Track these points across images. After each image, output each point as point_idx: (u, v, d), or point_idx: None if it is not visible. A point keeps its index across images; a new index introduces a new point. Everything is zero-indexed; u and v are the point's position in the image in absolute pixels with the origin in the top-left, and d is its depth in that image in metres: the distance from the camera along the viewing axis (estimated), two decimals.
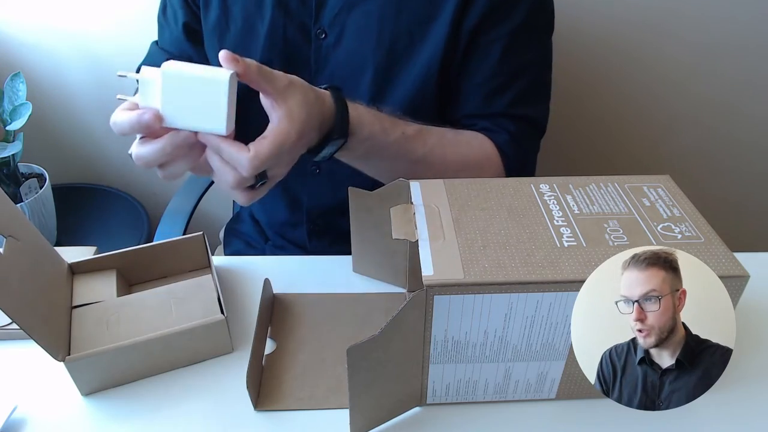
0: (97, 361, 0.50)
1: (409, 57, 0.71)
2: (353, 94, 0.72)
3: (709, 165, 1.34)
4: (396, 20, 0.70)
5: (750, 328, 0.58)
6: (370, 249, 0.62)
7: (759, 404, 0.52)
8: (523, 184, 0.53)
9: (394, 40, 0.70)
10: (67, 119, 1.37)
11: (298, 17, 0.71)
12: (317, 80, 0.73)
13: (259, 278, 0.59)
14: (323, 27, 0.71)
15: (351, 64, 0.72)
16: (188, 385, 0.53)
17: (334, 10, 0.70)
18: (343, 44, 0.71)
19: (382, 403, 0.48)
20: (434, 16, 0.69)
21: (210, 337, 0.54)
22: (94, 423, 0.50)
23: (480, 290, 0.43)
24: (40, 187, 1.18)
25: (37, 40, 1.26)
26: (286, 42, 0.72)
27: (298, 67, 0.73)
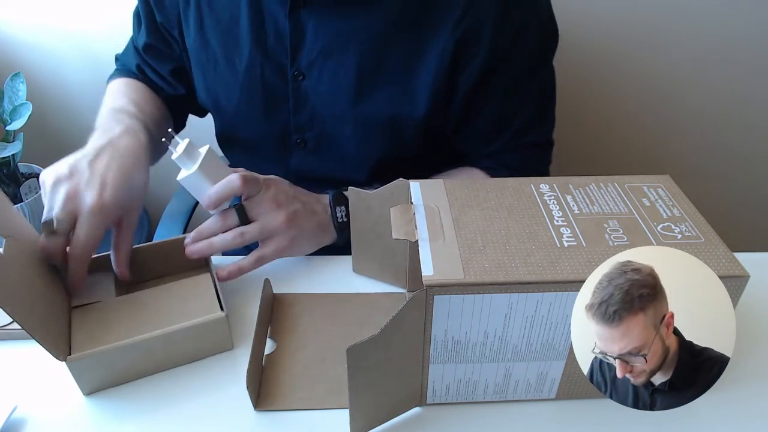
0: (99, 360, 0.50)
1: (393, 109, 0.70)
2: (337, 135, 0.73)
3: (709, 165, 1.34)
4: (375, 73, 0.68)
5: (750, 328, 0.58)
6: (370, 249, 0.62)
7: (759, 404, 0.52)
8: (523, 184, 0.53)
9: (373, 93, 0.69)
10: (67, 119, 1.37)
11: (275, 57, 0.70)
12: (297, 119, 0.73)
13: (259, 278, 0.59)
14: (300, 69, 0.70)
15: (331, 106, 0.71)
16: (188, 385, 0.53)
17: (311, 55, 0.69)
18: (322, 88, 0.70)
19: (382, 403, 0.48)
20: (418, 72, 0.67)
21: (211, 334, 0.54)
22: (94, 423, 0.50)
23: (480, 290, 0.43)
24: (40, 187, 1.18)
25: (37, 40, 1.26)
26: (264, 80, 0.72)
27: (277, 105, 0.73)
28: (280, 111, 0.73)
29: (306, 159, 0.77)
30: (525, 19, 0.67)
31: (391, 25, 0.66)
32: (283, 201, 0.62)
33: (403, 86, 0.68)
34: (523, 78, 0.70)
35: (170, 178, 0.63)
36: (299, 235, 0.63)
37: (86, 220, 0.53)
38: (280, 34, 0.69)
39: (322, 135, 0.74)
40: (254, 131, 0.77)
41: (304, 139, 0.75)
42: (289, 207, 0.62)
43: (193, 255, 0.60)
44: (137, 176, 0.59)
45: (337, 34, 0.67)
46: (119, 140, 0.60)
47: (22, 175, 1.20)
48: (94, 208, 0.54)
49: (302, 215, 0.63)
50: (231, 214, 0.61)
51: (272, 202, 0.61)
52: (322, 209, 0.66)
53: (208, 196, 0.60)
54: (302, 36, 0.68)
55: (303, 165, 0.77)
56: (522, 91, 0.71)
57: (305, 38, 0.68)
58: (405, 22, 0.66)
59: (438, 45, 0.65)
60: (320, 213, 0.65)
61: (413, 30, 0.66)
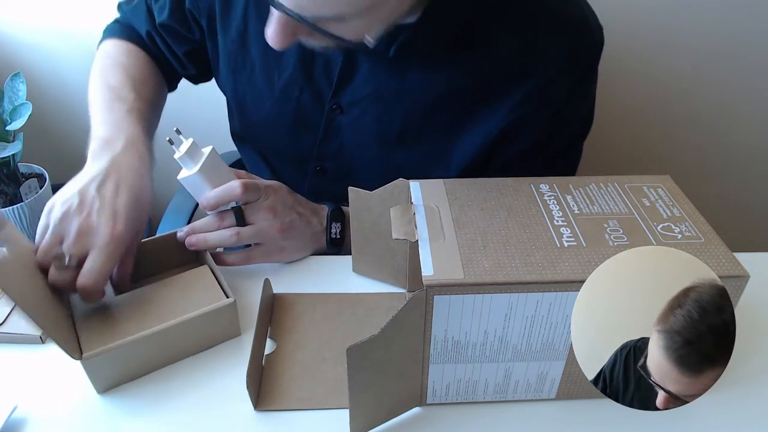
0: (114, 356, 0.50)
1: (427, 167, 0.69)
2: (358, 173, 0.73)
3: (709, 165, 1.34)
4: (418, 131, 0.67)
5: (750, 328, 0.58)
6: (370, 249, 0.62)
7: (759, 404, 0.52)
8: (522, 184, 0.53)
9: (410, 149, 0.68)
10: (67, 119, 1.37)
11: (317, 84, 0.69)
12: (323, 148, 0.73)
13: (259, 278, 0.59)
14: (340, 104, 0.69)
15: (362, 148, 0.71)
16: (188, 386, 0.53)
17: (356, 95, 0.67)
18: (359, 129, 0.69)
19: (382, 403, 0.48)
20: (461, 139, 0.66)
21: (220, 321, 0.55)
22: (94, 423, 0.50)
23: (480, 290, 0.43)
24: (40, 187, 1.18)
25: (37, 40, 1.26)
26: (299, 103, 0.70)
27: (306, 130, 0.72)
28: (308, 136, 0.73)
29: (321, 185, 0.77)
30: (576, 110, 0.67)
31: (448, 92, 0.64)
32: (280, 210, 0.63)
33: (442, 147, 0.68)
34: (555, 157, 0.70)
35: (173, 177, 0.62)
36: (291, 245, 0.64)
37: (101, 253, 0.52)
38: (329, 65, 0.67)
39: (344, 169, 0.74)
40: (276, 145, 0.77)
41: (324, 168, 0.75)
42: (286, 217, 0.63)
43: (189, 247, 0.61)
44: (144, 197, 0.58)
45: (390, 85, 0.66)
46: (122, 159, 0.59)
47: (22, 175, 1.19)
48: (109, 241, 0.53)
49: (297, 226, 0.64)
50: (228, 216, 0.62)
51: (270, 211, 0.62)
52: (317, 222, 0.66)
53: (207, 199, 0.60)
54: (352, 74, 0.67)
55: (316, 188, 0.77)
56: (554, 165, 0.71)
57: (354, 77, 0.67)
58: (463, 92, 0.64)
59: (489, 121, 0.65)
60: (315, 225, 0.66)
61: (472, 100, 0.64)
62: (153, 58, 0.78)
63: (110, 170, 0.57)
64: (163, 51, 0.78)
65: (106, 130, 0.62)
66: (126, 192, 0.56)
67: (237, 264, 0.64)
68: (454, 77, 0.64)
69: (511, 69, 0.62)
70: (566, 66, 0.62)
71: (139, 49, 0.77)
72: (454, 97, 0.65)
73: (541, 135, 0.66)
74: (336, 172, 0.75)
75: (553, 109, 0.64)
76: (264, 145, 0.79)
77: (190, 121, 0.85)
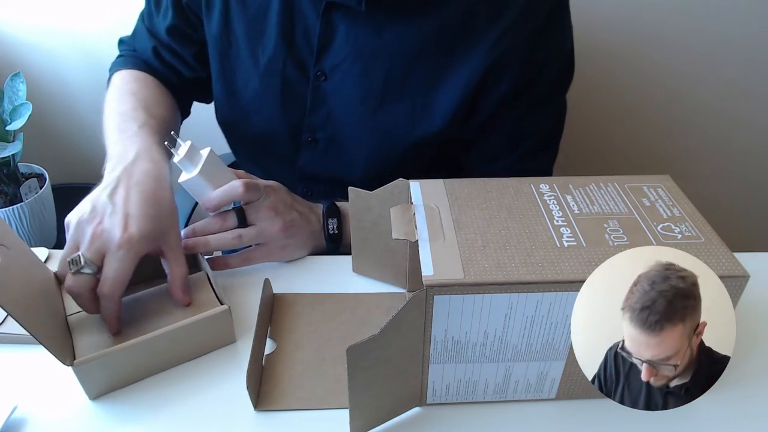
0: (105, 362, 0.50)
1: (412, 122, 0.70)
2: (349, 139, 0.74)
3: (708, 165, 1.34)
4: (400, 85, 0.68)
5: (750, 328, 0.58)
6: (370, 249, 0.62)
7: (759, 404, 0.52)
8: (523, 184, 0.53)
9: (394, 105, 0.69)
10: (67, 119, 1.37)
11: (299, 54, 0.70)
12: (312, 118, 0.73)
13: (259, 278, 0.59)
14: (323, 70, 0.70)
15: (349, 111, 0.72)
16: (188, 386, 0.53)
17: (337, 58, 0.69)
18: (343, 92, 0.70)
19: (382, 403, 0.48)
20: (442, 90, 0.68)
21: (215, 329, 0.55)
22: (93, 423, 0.50)
23: (480, 290, 0.43)
24: (40, 187, 1.18)
25: (37, 40, 1.26)
26: (284, 76, 0.71)
27: (294, 101, 0.73)
28: (296, 107, 0.73)
29: (314, 158, 0.77)
30: (552, 50, 0.68)
31: (424, 43, 0.66)
32: (281, 209, 0.63)
33: (424, 101, 0.69)
34: (540, 104, 0.71)
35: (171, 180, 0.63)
36: (292, 243, 0.65)
37: (114, 257, 0.51)
38: (308, 32, 0.69)
39: (335, 137, 0.74)
40: (266, 123, 0.77)
41: (315, 138, 0.75)
42: (287, 216, 0.63)
43: (187, 250, 0.60)
44: (160, 198, 0.56)
45: (368, 42, 0.67)
46: (134, 166, 0.58)
47: (22, 175, 1.20)
48: (122, 243, 0.51)
49: (298, 224, 0.64)
50: (230, 217, 0.62)
51: (271, 210, 0.62)
52: (315, 219, 0.67)
53: (209, 200, 0.61)
54: (331, 38, 0.68)
55: (310, 163, 0.78)
56: (536, 116, 0.72)
57: (334, 40, 0.68)
58: (438, 41, 0.66)
59: (468, 67, 0.66)
60: (314, 223, 0.66)
61: (445, 50, 0.66)
62: (162, 79, 0.79)
63: (122, 177, 0.56)
64: (171, 63, 0.78)
65: (118, 148, 0.62)
66: (138, 194, 0.55)
67: (238, 266, 0.64)
68: (426, 28, 0.65)
69: (479, 13, 0.64)
70: (529, 5, 0.64)
71: (147, 74, 0.78)
72: (429, 48, 0.66)
73: (518, 80, 0.67)
74: (327, 140, 0.75)
75: (524, 51, 0.65)
76: (255, 127, 0.79)
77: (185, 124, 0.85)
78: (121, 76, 0.77)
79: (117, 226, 0.52)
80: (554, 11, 0.66)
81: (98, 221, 0.53)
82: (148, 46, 0.78)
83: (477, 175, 0.75)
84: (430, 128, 0.70)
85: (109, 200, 0.54)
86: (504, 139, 0.73)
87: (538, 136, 0.74)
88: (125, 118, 0.67)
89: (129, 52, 0.81)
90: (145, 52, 0.79)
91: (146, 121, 0.67)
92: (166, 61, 0.79)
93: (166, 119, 0.73)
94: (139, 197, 0.54)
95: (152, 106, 0.72)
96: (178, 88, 0.80)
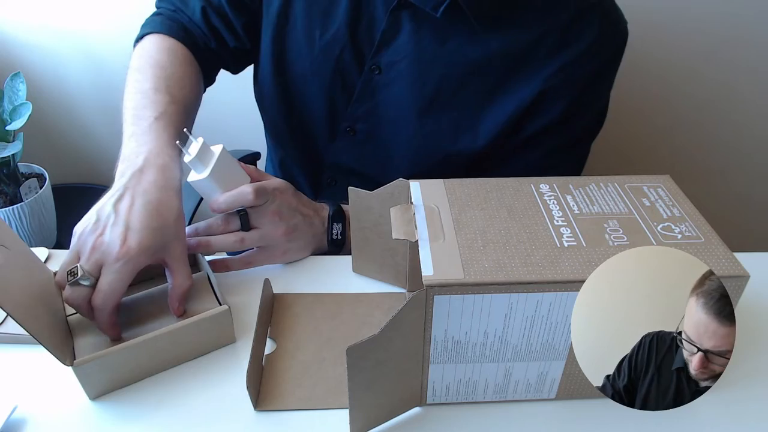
0: (105, 363, 0.50)
1: (455, 135, 0.71)
2: (388, 137, 0.74)
3: (708, 165, 1.34)
4: (452, 96, 0.69)
5: (750, 328, 0.58)
6: (370, 249, 0.62)
7: (759, 404, 0.52)
8: (523, 184, 0.53)
9: (443, 114, 0.70)
10: (67, 119, 1.37)
11: (359, 44, 0.70)
12: (356, 108, 0.73)
13: (259, 278, 0.59)
14: (379, 64, 0.70)
15: (396, 110, 0.72)
16: (187, 386, 0.53)
17: (396, 56, 0.69)
18: (394, 90, 0.70)
19: (382, 403, 0.48)
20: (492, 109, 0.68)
21: (215, 329, 0.55)
22: (93, 423, 0.50)
23: (480, 290, 0.43)
24: (40, 187, 1.18)
25: (37, 40, 1.26)
26: (339, 62, 0.71)
27: (341, 88, 0.73)
28: (343, 94, 0.73)
29: (348, 148, 0.77)
30: (598, 96, 0.70)
31: (485, 60, 0.67)
32: (285, 214, 0.63)
33: (472, 117, 0.69)
34: (572, 143, 0.73)
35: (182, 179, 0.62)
36: (294, 247, 0.65)
37: (110, 269, 0.51)
38: (372, 25, 0.69)
39: (374, 132, 0.74)
40: (309, 103, 0.76)
41: (354, 129, 0.75)
42: (290, 220, 0.63)
43: (189, 249, 0.60)
44: (165, 209, 0.54)
45: (429, 48, 0.67)
46: (143, 174, 0.56)
47: (22, 175, 1.19)
48: (119, 256, 0.51)
49: (301, 228, 0.64)
50: (233, 220, 0.62)
51: (275, 215, 0.62)
52: (319, 222, 0.66)
53: (218, 204, 0.60)
54: (394, 36, 0.68)
55: (342, 152, 0.78)
56: (565, 154, 0.73)
57: (397, 38, 0.68)
58: (499, 60, 0.66)
59: (520, 93, 0.67)
60: (317, 226, 0.66)
61: (504, 71, 0.67)
62: (198, 47, 0.75)
63: (128, 185, 0.55)
64: (217, 28, 0.75)
65: (131, 147, 0.59)
66: (142, 205, 0.53)
67: (239, 269, 0.64)
68: (492, 45, 0.66)
69: (546, 43, 0.65)
70: (596, 44, 0.66)
71: (181, 45, 0.73)
72: (489, 66, 0.67)
73: (559, 116, 0.68)
74: (366, 133, 0.75)
75: (575, 89, 0.67)
76: (296, 104, 0.78)
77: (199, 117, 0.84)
78: (152, 42, 0.73)
79: (116, 239, 0.51)
80: (611, 61, 0.69)
81: (100, 232, 0.52)
82: (198, 5, 0.74)
83: None
84: (472, 144, 0.70)
85: (113, 210, 0.53)
86: (530, 166, 0.73)
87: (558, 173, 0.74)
88: (144, 103, 0.64)
89: (169, 11, 0.76)
90: (193, 10, 0.75)
91: (165, 109, 0.63)
92: (212, 24, 0.75)
93: (187, 103, 0.69)
94: (142, 209, 0.53)
95: (176, 85, 0.68)
96: (213, 54, 0.76)
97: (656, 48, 1.17)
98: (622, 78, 1.21)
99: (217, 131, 0.74)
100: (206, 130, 0.71)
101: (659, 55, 1.18)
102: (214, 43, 0.76)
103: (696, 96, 1.24)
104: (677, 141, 1.31)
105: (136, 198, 0.54)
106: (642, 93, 1.24)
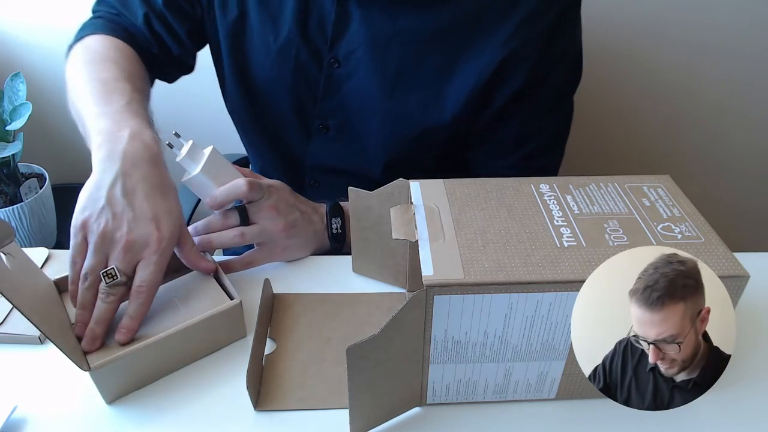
0: (122, 365, 0.50)
1: (423, 112, 0.71)
2: (360, 127, 0.74)
3: (708, 165, 1.34)
4: (412, 74, 0.69)
5: (750, 328, 0.58)
6: (370, 249, 0.62)
7: (759, 404, 0.52)
8: (523, 184, 0.53)
9: (407, 94, 0.70)
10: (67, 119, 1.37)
11: (313, 41, 0.70)
12: (324, 104, 0.73)
13: (259, 278, 0.59)
14: (337, 57, 0.70)
15: (362, 99, 0.72)
16: (187, 387, 0.53)
17: (351, 46, 0.69)
18: (357, 80, 0.71)
19: (382, 403, 0.48)
20: (454, 80, 0.68)
21: (227, 323, 0.55)
22: (93, 422, 0.50)
23: (480, 290, 0.43)
24: (40, 187, 1.18)
25: (37, 40, 1.26)
26: (297, 62, 0.72)
27: (305, 88, 0.73)
28: (308, 93, 0.74)
29: (324, 146, 0.77)
30: (564, 48, 0.69)
31: (439, 33, 0.67)
32: (283, 209, 0.63)
33: (436, 91, 0.69)
34: (550, 103, 0.72)
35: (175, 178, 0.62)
36: (294, 243, 0.65)
37: (148, 262, 0.51)
38: (322, 19, 0.69)
39: (346, 125, 0.75)
40: (277, 108, 0.77)
41: (326, 125, 0.75)
42: (289, 216, 0.63)
43: None
44: (166, 187, 0.55)
45: (382, 30, 0.67)
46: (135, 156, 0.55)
47: (22, 175, 1.19)
48: (156, 248, 0.51)
49: (300, 224, 0.64)
50: (232, 215, 0.62)
51: (273, 210, 0.62)
52: (318, 219, 0.67)
53: (213, 198, 0.61)
54: (346, 26, 0.68)
55: (319, 151, 0.78)
56: (545, 116, 0.72)
57: (349, 28, 0.68)
58: (453, 31, 0.66)
59: (481, 59, 0.66)
60: (317, 223, 0.66)
61: (459, 40, 0.67)
62: (141, 51, 0.74)
63: (129, 171, 0.54)
64: (160, 35, 0.74)
65: (108, 124, 0.58)
66: (150, 190, 0.53)
67: (241, 269, 0.64)
68: (442, 18, 0.66)
69: (494, 6, 0.65)
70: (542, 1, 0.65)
71: (127, 46, 0.73)
72: (443, 38, 0.67)
73: (529, 76, 0.67)
74: (338, 128, 0.75)
75: (537, 46, 0.66)
76: (266, 112, 0.78)
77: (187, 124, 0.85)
78: (98, 41, 0.71)
79: (149, 233, 0.52)
80: (567, 10, 0.67)
81: (125, 228, 0.51)
82: (140, 12, 0.73)
83: (484, 173, 0.76)
84: (441, 118, 0.70)
85: (125, 201, 0.52)
86: (512, 135, 0.73)
87: (545, 135, 0.74)
88: (108, 89, 0.62)
89: (110, 14, 0.75)
90: (135, 17, 0.74)
91: (133, 96, 0.62)
92: (155, 31, 0.74)
93: (147, 94, 0.69)
94: (153, 194, 0.53)
95: (136, 78, 0.68)
96: (156, 60, 0.75)
97: (656, 48, 1.17)
98: (622, 78, 1.21)
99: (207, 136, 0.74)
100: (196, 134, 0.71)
101: (659, 55, 1.18)
102: (156, 49, 0.75)
103: (696, 95, 1.23)
104: (677, 141, 1.31)
105: (144, 186, 0.53)
106: (642, 93, 1.24)
